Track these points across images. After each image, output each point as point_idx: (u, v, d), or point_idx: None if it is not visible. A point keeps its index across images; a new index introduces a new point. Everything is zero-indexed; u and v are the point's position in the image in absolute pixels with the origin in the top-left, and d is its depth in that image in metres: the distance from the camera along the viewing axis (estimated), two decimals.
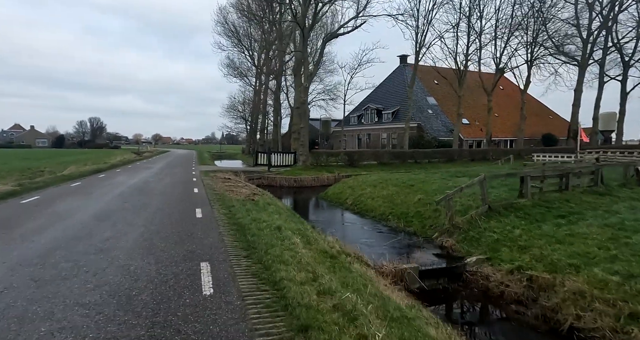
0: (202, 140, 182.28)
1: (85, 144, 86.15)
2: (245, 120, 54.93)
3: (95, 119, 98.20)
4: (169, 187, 14.37)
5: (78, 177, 18.64)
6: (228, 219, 8.44)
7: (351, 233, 11.59)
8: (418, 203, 12.91)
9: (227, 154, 65.36)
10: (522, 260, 7.62)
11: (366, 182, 18.28)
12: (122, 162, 31.43)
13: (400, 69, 47.59)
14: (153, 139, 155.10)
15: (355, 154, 27.46)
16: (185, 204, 10.31)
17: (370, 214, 14.10)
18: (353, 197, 16.48)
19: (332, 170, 25.83)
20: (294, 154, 26.91)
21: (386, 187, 16.27)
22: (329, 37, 24.84)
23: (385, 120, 44.12)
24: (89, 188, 13.71)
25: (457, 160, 30.81)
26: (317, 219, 13.87)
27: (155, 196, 11.70)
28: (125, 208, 9.48)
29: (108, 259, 5.36)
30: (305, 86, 25.58)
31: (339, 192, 18.23)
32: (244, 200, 11.42)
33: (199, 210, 9.41)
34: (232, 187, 15.09)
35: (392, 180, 17.57)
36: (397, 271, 7.65)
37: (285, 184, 23.73)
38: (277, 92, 36.81)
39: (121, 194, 12.15)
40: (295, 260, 5.53)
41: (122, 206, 9.75)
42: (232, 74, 50.14)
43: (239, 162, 50.53)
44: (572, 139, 35.76)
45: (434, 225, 11.00)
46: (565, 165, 13.44)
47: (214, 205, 10.38)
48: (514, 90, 51.62)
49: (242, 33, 45.40)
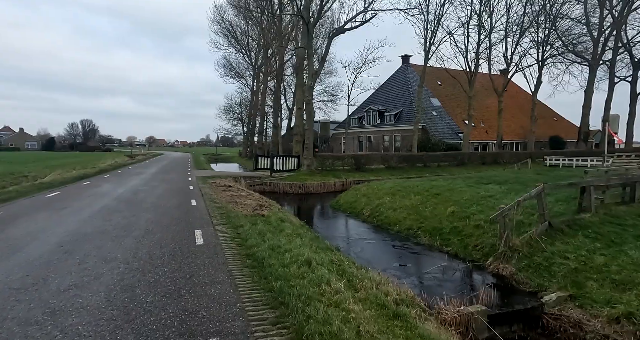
0: (197, 142, 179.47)
1: (77, 146, 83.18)
2: (242, 122, 52.86)
3: (87, 121, 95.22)
4: (162, 198, 12.31)
5: (59, 184, 16.48)
6: (238, 248, 6.44)
7: (379, 254, 9.64)
8: (452, 217, 11.01)
9: (223, 157, 63.14)
10: (629, 303, 5.73)
11: (382, 189, 16.39)
12: (112, 167, 29.19)
13: (402, 70, 45.92)
14: (147, 142, 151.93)
15: (363, 158, 25.58)
16: (181, 224, 8.29)
17: (394, 227, 12.17)
18: (370, 207, 14.55)
19: (339, 175, 23.91)
20: (297, 157, 24.93)
21: (407, 196, 14.38)
22: (335, 32, 22.96)
23: (387, 122, 42.36)
24: (67, 200, 11.61)
25: (467, 163, 29.07)
26: (333, 234, 11.90)
27: (144, 211, 9.65)
28: (104, 231, 7.43)
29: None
30: (310, 85, 23.65)
31: (352, 200, 16.29)
32: (252, 216, 9.43)
33: (199, 232, 7.40)
34: (234, 197, 13.08)
35: (411, 187, 15.70)
36: (462, 317, 5.74)
37: (289, 190, 21.74)
38: (277, 92, 34.84)
39: (103, 208, 10.08)
40: (351, 330, 3.59)
41: (100, 228, 7.69)
42: (229, 75, 48.11)
43: (236, 165, 48.41)
44: (582, 141, 34.30)
45: (480, 245, 9.10)
46: (630, 172, 11.64)
47: (217, 224, 8.37)
48: (518, 91, 50.24)
49: (240, 32, 43.41)
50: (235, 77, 48.62)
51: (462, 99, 45.17)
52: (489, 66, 31.09)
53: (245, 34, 43.16)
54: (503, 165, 29.83)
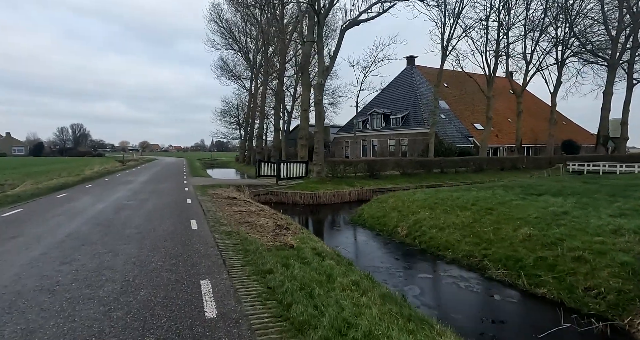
0: (191, 147, 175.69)
1: (67, 151, 79.27)
2: (240, 126, 50.04)
3: (77, 125, 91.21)
4: (152, 218, 9.49)
5: (27, 198, 13.52)
6: (279, 326, 3.72)
7: (452, 300, 6.91)
8: (530, 242, 8.39)
9: (219, 162, 60.16)
10: None
11: (414, 201, 13.77)
12: (99, 174, 26.14)
13: (408, 71, 43.65)
14: (140, 146, 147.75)
15: (377, 163, 22.98)
16: (178, 267, 5.50)
17: (446, 253, 9.52)
18: (406, 225, 11.88)
19: (352, 182, 21.24)
20: (305, 163, 22.22)
21: (452, 211, 11.77)
22: (348, 24, 20.43)
23: (393, 125, 39.90)
24: (25, 223, 8.72)
25: (486, 169, 26.66)
26: (373, 263, 9.19)
27: (125, 243, 6.86)
28: (52, 287, 4.61)
29: None
30: (320, 82, 21.03)
31: (380, 215, 13.62)
32: (277, 248, 6.67)
33: (208, 287, 4.63)
34: (245, 215, 10.30)
35: (450, 199, 13.11)
36: None
37: (299, 200, 18.99)
38: (279, 93, 32.14)
39: (69, 237, 7.25)
40: None
41: (50, 280, 4.87)
42: (226, 76, 45.34)
43: (233, 170, 45.47)
44: (602, 145, 32.20)
45: (595, 289, 6.49)
46: None
47: (232, 265, 5.60)
48: (525, 93, 48.30)
49: (238, 31, 40.77)
50: (232, 79, 45.90)
51: (469, 102, 43.05)
52: (507, 65, 28.85)
53: (244, 33, 40.52)
54: (523, 171, 27.50)
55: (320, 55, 21.00)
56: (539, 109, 45.32)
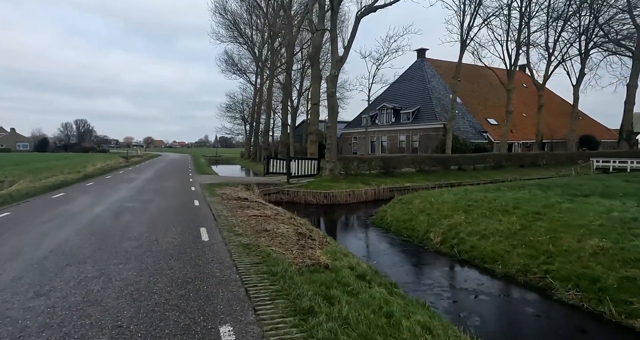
0: (195, 143, 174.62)
1: (71, 147, 78.20)
2: (245, 121, 48.62)
3: (81, 121, 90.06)
4: (155, 224, 8.14)
5: (20, 198, 12.23)
6: None
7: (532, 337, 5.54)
8: (606, 256, 6.96)
9: (224, 159, 58.93)
10: None
11: (444, 203, 12.35)
12: (102, 171, 24.87)
13: (418, 64, 41.95)
14: (145, 142, 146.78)
15: (393, 160, 21.53)
16: (189, 303, 4.13)
17: (495, 266, 8.11)
18: (439, 230, 10.47)
19: (367, 181, 19.83)
20: (317, 160, 20.82)
21: (492, 215, 10.36)
22: (364, 11, 18.87)
23: (404, 120, 38.34)
24: (7, 232, 7.37)
25: (506, 166, 25.16)
26: (411, 278, 7.83)
27: (122, 261, 5.50)
28: (17, 335, 3.30)
29: None
30: (334, 74, 19.55)
31: (406, 218, 12.21)
32: (310, 271, 5.28)
33: (230, 338, 3.31)
34: (260, 221, 8.93)
35: (484, 201, 11.72)
36: None
37: (312, 200, 17.62)
38: (287, 86, 30.65)
39: (54, 252, 5.90)
40: None
41: (14, 329, 3.54)
42: (231, 70, 43.85)
43: (238, 167, 44.20)
44: (625, 141, 30.55)
45: None
46: None
47: (256, 299, 4.23)
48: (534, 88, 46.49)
49: (243, 23, 39.18)
50: (237, 73, 44.40)
51: (482, 96, 41.36)
52: (527, 56, 27.15)
53: (249, 25, 38.93)
54: (544, 168, 25.98)
55: (334, 45, 19.50)
56: (553, 103, 43.57)
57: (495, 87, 43.10)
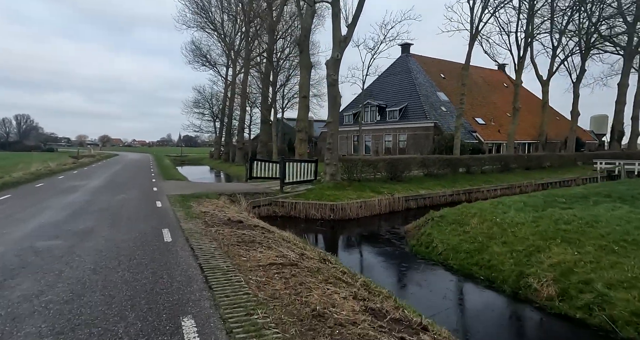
0: (157, 142, 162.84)
1: (10, 146, 67.69)
2: (215, 117, 43.32)
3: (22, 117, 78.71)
4: (77, 318, 3.82)
5: None
6: None
7: None
8: None
9: (190, 159, 52.93)
10: None
11: (518, 225, 8.85)
12: (34, 175, 19.14)
13: (403, 59, 39.13)
14: (100, 141, 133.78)
15: (401, 163, 18.02)
16: None
17: None
18: (545, 274, 6.86)
19: (376, 187, 16.14)
20: (314, 163, 16.79)
21: (622, 252, 6.94)
22: None
23: (390, 119, 35.27)
24: None
25: (514, 169, 22.64)
26: None
27: None
28: None
29: None
30: (336, 58, 15.64)
31: (472, 248, 8.55)
32: None
33: None
34: (288, 276, 4.81)
35: (582, 222, 8.38)
36: None
37: (315, 214, 13.62)
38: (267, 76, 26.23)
39: None
40: None
41: None
42: (199, 61, 38.46)
43: (207, 168, 38.97)
44: (616, 141, 29.39)
45: None
46: None
47: None
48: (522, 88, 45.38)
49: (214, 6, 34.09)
50: (207, 65, 39.05)
51: (469, 94, 39.12)
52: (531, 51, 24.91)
53: (220, 9, 33.91)
54: (550, 170, 23.80)
55: (336, 22, 15.60)
56: (535, 103, 42.61)
57: (478, 86, 41.38)
